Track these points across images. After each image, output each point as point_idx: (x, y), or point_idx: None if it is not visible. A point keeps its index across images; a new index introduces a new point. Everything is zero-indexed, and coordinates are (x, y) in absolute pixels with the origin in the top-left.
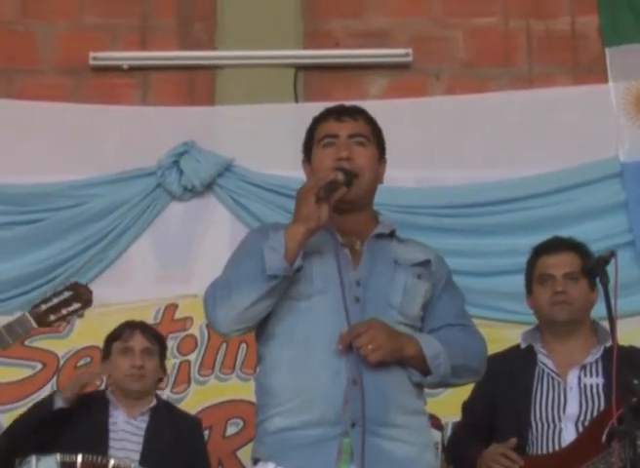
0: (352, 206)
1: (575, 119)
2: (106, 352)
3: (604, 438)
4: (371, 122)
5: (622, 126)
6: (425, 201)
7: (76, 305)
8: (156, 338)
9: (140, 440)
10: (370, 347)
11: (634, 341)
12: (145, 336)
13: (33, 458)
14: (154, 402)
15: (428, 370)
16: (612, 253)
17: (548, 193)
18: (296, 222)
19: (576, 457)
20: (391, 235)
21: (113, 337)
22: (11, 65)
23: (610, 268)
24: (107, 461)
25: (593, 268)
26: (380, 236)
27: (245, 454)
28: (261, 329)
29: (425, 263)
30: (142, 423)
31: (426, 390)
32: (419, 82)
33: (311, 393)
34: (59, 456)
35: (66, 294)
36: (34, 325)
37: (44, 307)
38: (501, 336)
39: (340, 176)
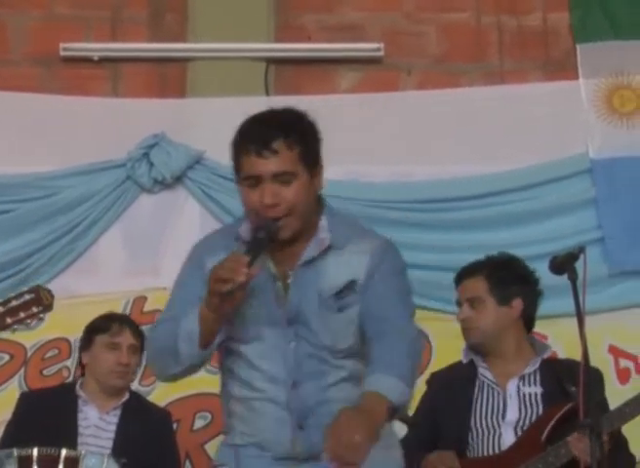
0: (289, 239)
1: (545, 115)
2: (87, 343)
3: (544, 438)
4: (295, 142)
5: (592, 122)
6: (395, 196)
7: (35, 309)
8: (140, 334)
9: (112, 435)
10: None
11: (602, 338)
12: (133, 333)
13: None
14: (127, 396)
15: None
16: (581, 250)
17: (518, 189)
18: (208, 308)
19: (515, 458)
20: (326, 249)
21: (98, 329)
22: None
23: (579, 265)
24: (59, 452)
25: (562, 264)
26: (309, 261)
27: (213, 448)
28: (220, 358)
29: (350, 284)
30: (114, 418)
31: None
32: (390, 77)
33: (262, 436)
34: (15, 451)
35: (27, 297)
36: None
37: (0, 310)
38: None
39: (246, 277)
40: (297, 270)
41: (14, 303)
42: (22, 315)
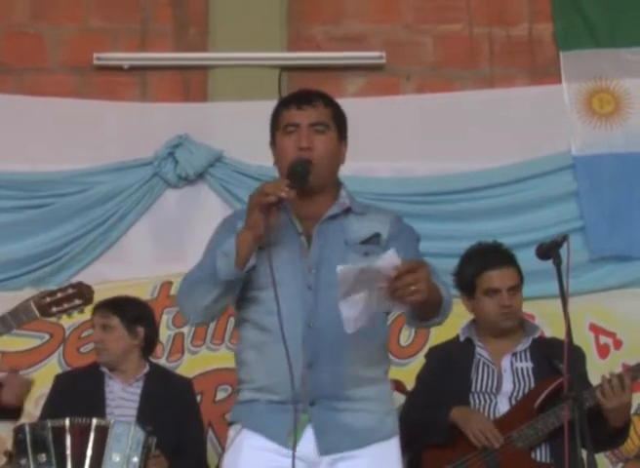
0: (313, 190)
1: (532, 116)
2: None
3: (536, 407)
4: (330, 106)
5: (574, 123)
6: (398, 189)
7: (77, 302)
8: (114, 311)
9: (136, 404)
10: (412, 288)
11: (583, 317)
12: (101, 313)
13: (26, 426)
14: (147, 368)
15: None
16: (564, 238)
17: (508, 183)
18: (245, 229)
19: (509, 423)
20: (347, 211)
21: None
22: (22, 64)
23: (562, 251)
24: (90, 421)
25: (548, 251)
26: (333, 217)
27: None
28: (236, 311)
29: (374, 237)
30: (137, 389)
31: (394, 359)
32: (391, 82)
33: (274, 378)
34: (49, 422)
35: (70, 291)
36: (37, 314)
37: (48, 300)
38: (465, 311)
39: (287, 194)
40: (320, 225)
41: (59, 295)
42: (66, 306)
